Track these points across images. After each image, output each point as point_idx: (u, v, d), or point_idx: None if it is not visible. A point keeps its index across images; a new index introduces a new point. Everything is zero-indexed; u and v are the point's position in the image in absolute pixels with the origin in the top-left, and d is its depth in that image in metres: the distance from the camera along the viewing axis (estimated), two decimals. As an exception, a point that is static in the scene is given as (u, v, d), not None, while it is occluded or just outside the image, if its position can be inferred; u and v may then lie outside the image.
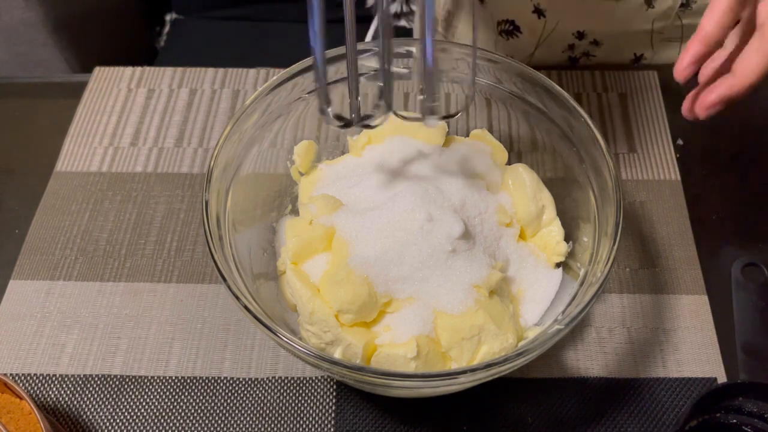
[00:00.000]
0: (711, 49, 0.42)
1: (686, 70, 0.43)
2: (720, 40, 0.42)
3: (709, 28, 0.42)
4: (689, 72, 0.43)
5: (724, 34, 0.42)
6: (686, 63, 0.43)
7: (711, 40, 0.42)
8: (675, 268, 0.63)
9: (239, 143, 0.55)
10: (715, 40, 0.42)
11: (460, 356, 0.49)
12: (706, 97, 0.44)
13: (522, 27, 0.79)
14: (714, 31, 0.42)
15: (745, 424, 0.52)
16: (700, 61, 0.43)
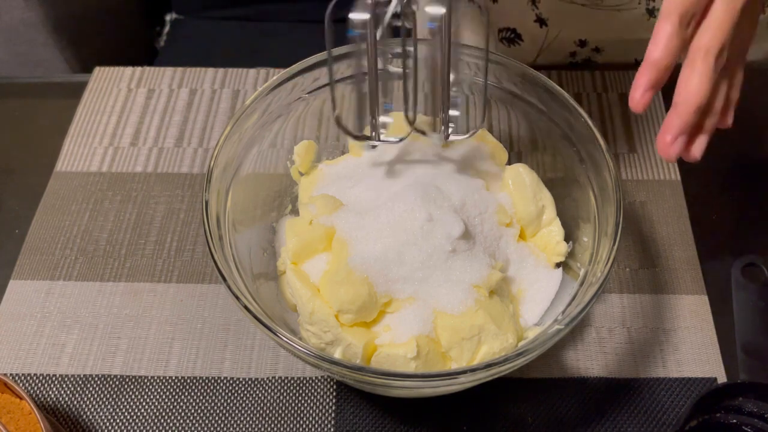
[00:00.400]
0: (663, 74, 0.41)
1: (642, 100, 0.41)
2: (670, 65, 0.41)
3: (656, 55, 0.40)
4: (645, 101, 0.41)
5: (673, 58, 0.41)
6: (639, 94, 0.41)
7: (661, 66, 0.41)
8: (675, 268, 0.63)
9: (239, 143, 0.55)
10: (665, 65, 0.41)
11: (460, 356, 0.49)
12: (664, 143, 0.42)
13: (523, 35, 0.79)
14: (661, 56, 0.40)
15: (745, 424, 0.52)
16: (655, 87, 0.41)
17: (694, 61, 0.41)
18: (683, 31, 0.40)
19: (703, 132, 0.43)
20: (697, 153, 0.43)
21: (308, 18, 1.14)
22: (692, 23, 0.41)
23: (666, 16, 0.40)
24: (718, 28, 0.41)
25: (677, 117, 0.41)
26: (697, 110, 0.41)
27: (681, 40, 0.40)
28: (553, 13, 0.75)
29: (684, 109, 0.41)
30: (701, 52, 0.41)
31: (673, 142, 0.41)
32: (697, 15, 0.41)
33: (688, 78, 0.41)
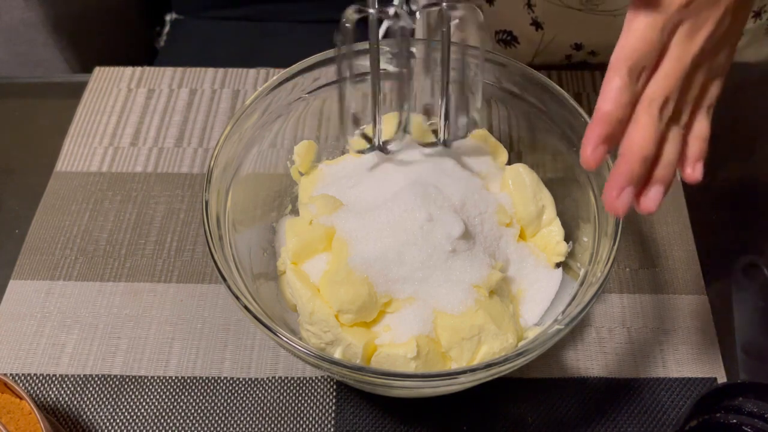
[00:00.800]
0: (615, 128, 0.39)
1: (594, 155, 0.39)
2: (622, 118, 0.39)
3: (606, 108, 0.39)
4: (598, 156, 0.39)
5: (624, 111, 0.39)
6: (591, 149, 0.39)
7: (611, 119, 0.39)
8: (675, 268, 0.63)
9: (239, 143, 0.55)
10: (616, 118, 0.39)
11: (460, 356, 0.49)
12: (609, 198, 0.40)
13: (520, 38, 0.80)
14: (611, 109, 0.39)
15: (745, 424, 0.52)
16: (608, 140, 0.39)
17: (638, 113, 0.40)
18: (633, 84, 0.39)
19: (655, 182, 0.41)
20: (651, 205, 0.40)
21: (308, 18, 1.14)
22: (643, 75, 0.39)
23: (615, 68, 0.39)
24: (663, 78, 0.40)
25: (621, 169, 0.39)
26: (642, 161, 0.39)
27: (631, 92, 0.39)
28: (549, 17, 0.75)
29: (628, 160, 0.39)
30: (645, 102, 0.40)
31: (618, 195, 0.39)
32: (648, 68, 0.40)
33: (632, 129, 0.40)
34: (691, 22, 0.40)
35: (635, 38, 0.39)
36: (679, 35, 0.40)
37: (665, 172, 0.41)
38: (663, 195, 0.41)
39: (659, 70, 0.40)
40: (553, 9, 0.72)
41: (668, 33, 0.39)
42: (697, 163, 0.42)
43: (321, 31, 1.12)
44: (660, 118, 0.40)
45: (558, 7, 0.72)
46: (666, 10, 0.39)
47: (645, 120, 0.39)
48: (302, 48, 0.60)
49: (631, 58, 0.39)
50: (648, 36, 0.39)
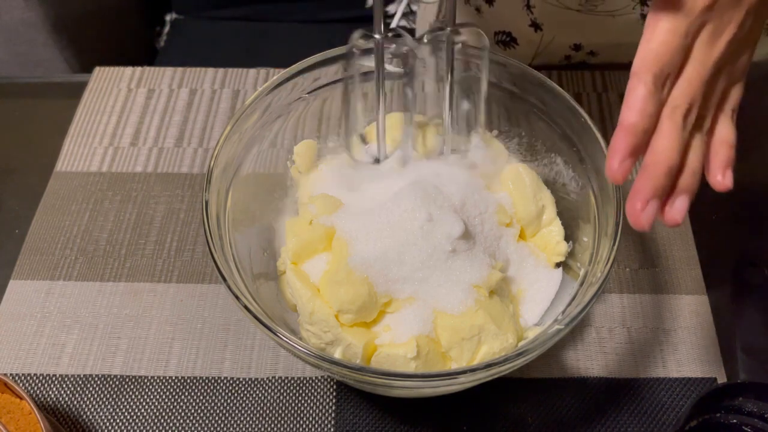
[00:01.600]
0: (641, 139, 0.37)
1: (621, 168, 0.37)
2: (647, 128, 0.37)
3: (631, 119, 0.37)
4: (626, 169, 0.37)
5: (650, 120, 0.37)
6: (618, 162, 0.37)
7: (637, 130, 0.37)
8: (675, 268, 0.63)
9: (239, 143, 0.55)
10: (642, 129, 0.37)
11: (460, 356, 0.49)
12: (634, 210, 0.38)
13: (519, 39, 0.80)
14: (637, 120, 0.37)
15: (745, 424, 0.52)
16: (635, 152, 0.37)
17: (661, 122, 0.38)
18: (658, 91, 0.37)
19: (680, 192, 0.39)
20: (677, 216, 0.39)
21: (308, 18, 1.14)
22: (668, 83, 0.38)
23: (639, 76, 0.37)
24: (687, 84, 0.38)
25: (646, 181, 0.38)
26: (668, 172, 0.38)
27: (657, 101, 0.37)
28: (548, 18, 0.75)
29: (653, 171, 0.38)
30: (668, 109, 0.38)
31: (644, 208, 0.37)
32: (673, 74, 0.38)
33: (655, 139, 0.38)
34: (714, 25, 0.38)
35: (659, 44, 0.37)
36: (702, 38, 0.38)
37: (690, 181, 0.39)
38: (688, 204, 0.39)
39: (682, 75, 0.38)
40: (552, 10, 0.72)
41: (692, 36, 0.38)
42: (727, 170, 0.40)
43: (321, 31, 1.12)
44: (684, 126, 0.38)
45: (557, 9, 0.72)
46: (689, 13, 0.37)
47: (669, 128, 0.38)
48: (302, 48, 0.60)
49: (656, 65, 0.37)
50: (672, 41, 0.37)
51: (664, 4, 0.37)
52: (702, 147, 0.40)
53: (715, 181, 0.41)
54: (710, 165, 0.41)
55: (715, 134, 0.41)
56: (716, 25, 0.38)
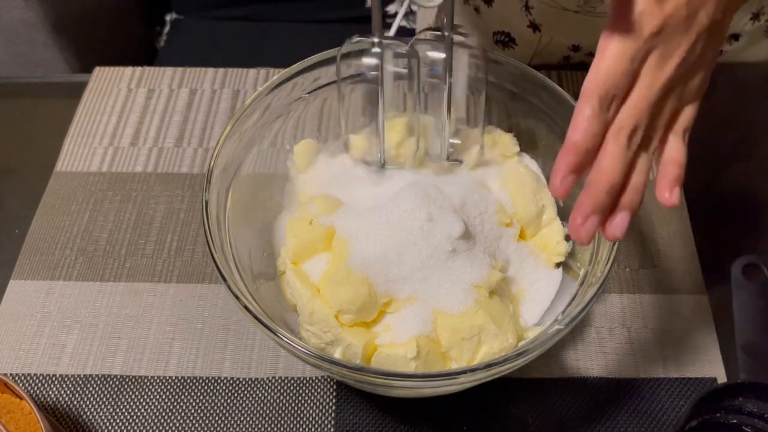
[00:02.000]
0: (584, 158, 0.39)
1: (563, 186, 0.39)
2: (591, 148, 0.39)
3: (575, 138, 0.39)
4: (567, 186, 0.39)
5: (593, 141, 0.39)
6: (560, 179, 0.39)
7: (580, 149, 0.39)
8: (675, 268, 0.63)
9: (239, 143, 0.55)
10: (585, 148, 0.39)
11: (460, 356, 0.49)
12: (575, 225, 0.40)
13: (517, 39, 0.80)
14: (580, 139, 0.38)
15: (745, 424, 0.52)
16: (577, 170, 0.39)
17: (606, 141, 0.39)
18: (603, 113, 0.39)
19: (622, 209, 0.40)
20: (617, 231, 0.40)
21: (308, 18, 1.14)
22: (614, 104, 0.39)
23: (586, 98, 0.39)
24: (633, 106, 0.40)
25: (588, 197, 0.39)
26: (609, 190, 0.39)
27: (601, 122, 0.39)
28: (546, 19, 0.75)
29: (594, 189, 0.39)
30: (613, 130, 0.39)
31: (583, 223, 0.39)
32: (619, 97, 0.39)
33: (599, 158, 0.39)
34: (662, 50, 0.40)
35: (606, 67, 0.39)
36: (650, 63, 0.40)
37: (632, 198, 0.41)
38: (629, 221, 0.41)
39: (629, 98, 0.40)
40: (551, 11, 0.72)
41: (639, 61, 0.39)
42: (674, 188, 0.42)
43: (321, 31, 1.12)
44: (628, 147, 0.40)
45: (555, 10, 0.72)
46: (637, 38, 0.39)
47: (612, 149, 0.39)
48: (302, 48, 0.60)
49: (602, 87, 0.39)
50: (619, 65, 0.39)
51: (613, 29, 0.39)
52: (647, 166, 0.41)
53: (663, 198, 0.42)
54: (659, 183, 0.42)
55: (665, 153, 0.42)
56: (665, 49, 0.40)
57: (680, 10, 0.39)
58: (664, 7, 0.39)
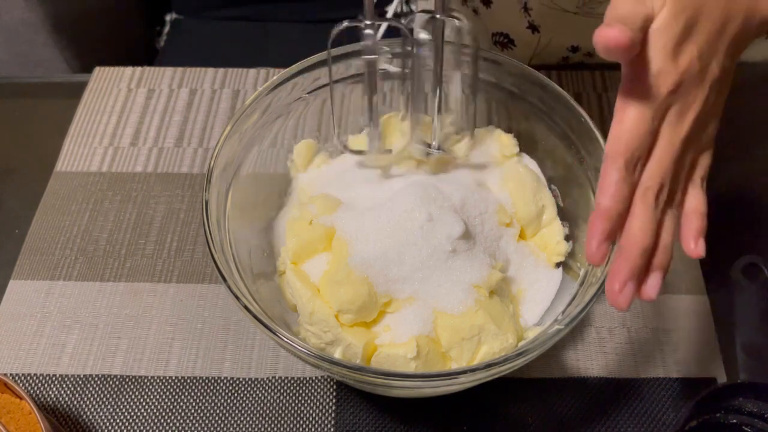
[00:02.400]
0: (616, 223, 0.39)
1: (599, 252, 0.39)
2: (622, 211, 0.39)
3: (606, 204, 0.39)
4: (603, 252, 0.39)
5: (623, 204, 0.39)
6: (596, 246, 0.39)
7: (612, 214, 0.39)
8: (675, 268, 0.62)
9: (239, 143, 0.55)
10: (617, 213, 0.39)
11: (460, 356, 0.49)
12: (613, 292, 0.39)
13: (516, 40, 0.80)
14: (611, 204, 0.39)
15: (745, 425, 0.52)
16: (612, 235, 0.39)
17: (635, 204, 0.40)
18: (630, 175, 0.39)
19: (655, 269, 0.40)
20: (651, 293, 0.40)
21: (308, 18, 1.14)
22: (639, 165, 0.39)
23: (611, 161, 0.39)
24: (657, 164, 0.40)
25: (623, 263, 0.39)
26: (642, 253, 0.39)
27: (629, 184, 0.39)
28: (545, 20, 0.75)
29: (628, 254, 0.39)
30: (640, 191, 0.40)
31: (621, 289, 0.39)
32: (643, 156, 0.40)
33: (630, 221, 0.40)
34: (679, 106, 0.40)
35: (629, 130, 0.39)
36: (669, 119, 0.40)
37: (663, 257, 0.41)
38: (662, 280, 0.41)
39: (652, 156, 0.40)
40: (550, 12, 0.72)
41: (659, 120, 0.39)
42: (699, 239, 0.42)
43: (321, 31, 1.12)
44: (656, 206, 0.40)
45: (554, 11, 0.72)
46: (655, 98, 0.39)
47: (642, 211, 0.39)
48: (302, 48, 0.60)
49: (627, 150, 0.39)
50: (640, 126, 0.39)
51: (630, 90, 0.39)
52: (674, 223, 0.42)
53: (690, 250, 0.42)
54: (683, 234, 0.42)
55: (687, 205, 0.43)
56: (681, 105, 0.40)
57: (694, 64, 0.39)
58: (678, 64, 0.39)
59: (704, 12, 0.40)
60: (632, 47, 0.37)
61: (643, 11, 0.38)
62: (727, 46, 0.41)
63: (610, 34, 0.37)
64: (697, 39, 0.39)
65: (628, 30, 0.37)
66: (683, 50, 0.39)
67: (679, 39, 0.39)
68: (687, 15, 0.39)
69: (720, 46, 0.41)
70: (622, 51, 0.37)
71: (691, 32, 0.39)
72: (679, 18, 0.39)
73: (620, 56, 0.37)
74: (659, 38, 0.38)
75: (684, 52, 0.39)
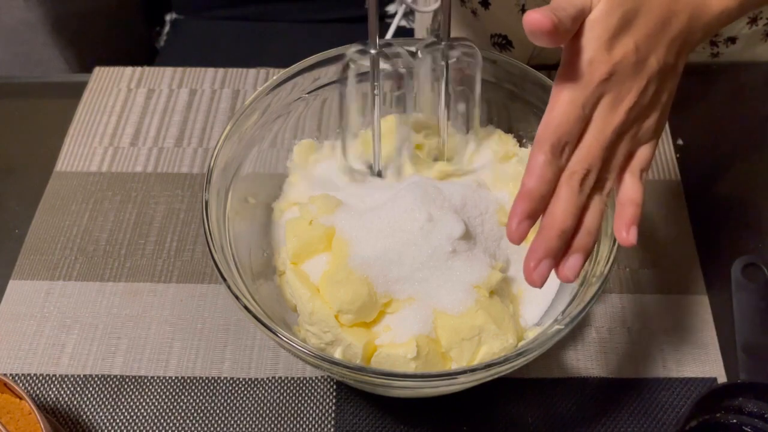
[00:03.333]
0: (538, 204, 0.40)
1: (518, 230, 0.39)
2: (545, 194, 0.40)
3: (530, 184, 0.39)
4: (522, 230, 0.39)
5: (547, 187, 0.40)
6: (515, 224, 0.39)
7: (535, 195, 0.39)
8: (675, 268, 0.63)
9: (239, 143, 0.55)
10: (539, 195, 0.40)
11: (460, 356, 0.49)
12: (528, 269, 0.40)
13: (514, 42, 0.80)
14: (534, 185, 0.39)
15: (745, 424, 0.52)
16: (532, 215, 0.40)
17: (559, 187, 0.40)
18: (556, 160, 0.40)
19: (574, 251, 0.41)
20: (569, 273, 0.41)
21: (308, 18, 1.14)
22: (566, 150, 0.40)
23: (539, 145, 0.40)
24: (585, 151, 0.41)
25: (540, 242, 0.40)
26: (561, 234, 0.40)
27: (555, 168, 0.40)
28: None
29: (546, 234, 0.40)
30: (566, 175, 0.40)
31: (536, 266, 0.40)
32: (572, 143, 0.40)
33: (552, 203, 0.40)
34: (613, 94, 0.41)
35: (558, 114, 0.40)
36: (602, 107, 0.41)
37: (584, 240, 0.41)
38: (582, 263, 0.41)
39: (581, 143, 0.41)
40: None
41: (591, 107, 0.40)
42: (631, 227, 0.43)
43: (321, 31, 1.12)
44: (580, 191, 0.41)
45: None
46: (587, 85, 0.40)
47: (564, 194, 0.40)
48: (302, 48, 0.60)
49: (554, 134, 0.40)
50: (570, 112, 0.40)
51: (564, 77, 0.40)
52: (600, 208, 0.42)
53: (621, 237, 0.43)
54: (616, 222, 0.43)
55: (621, 194, 0.43)
56: (615, 95, 0.41)
57: (629, 56, 0.40)
58: (612, 54, 0.40)
59: (644, 7, 0.41)
60: (556, 32, 0.38)
61: (579, 2, 0.39)
62: (669, 41, 0.42)
63: (535, 17, 0.38)
64: (634, 32, 0.40)
65: (553, 16, 0.38)
66: (618, 42, 0.40)
67: (614, 31, 0.40)
68: (624, 8, 0.40)
69: (661, 41, 0.41)
70: (545, 35, 0.38)
71: (629, 25, 0.40)
72: (615, 11, 0.40)
73: (544, 40, 0.38)
74: (594, 28, 0.40)
75: (619, 44, 0.40)
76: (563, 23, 0.38)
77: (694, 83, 0.47)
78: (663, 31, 0.41)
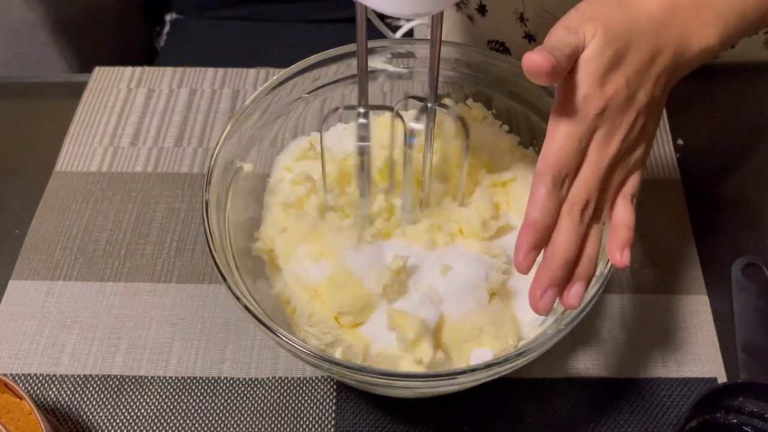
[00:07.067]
0: (543, 234, 0.42)
1: (525, 261, 0.41)
2: (549, 225, 0.42)
3: (534, 215, 0.41)
4: (530, 261, 0.41)
5: (551, 217, 0.42)
6: (522, 255, 0.41)
7: (539, 226, 0.41)
8: (675, 268, 0.63)
9: (239, 143, 0.55)
10: (544, 226, 0.41)
11: (460, 356, 0.49)
12: (534, 298, 0.42)
13: (512, 49, 0.80)
14: (538, 217, 0.41)
15: (746, 424, 0.52)
16: (538, 246, 0.42)
17: (561, 218, 0.42)
18: (558, 191, 0.42)
19: (577, 279, 0.43)
20: (573, 301, 0.43)
21: (308, 18, 1.14)
22: (567, 182, 0.42)
23: (540, 178, 0.41)
24: (584, 182, 0.42)
25: (545, 272, 0.42)
26: (564, 264, 0.42)
27: (556, 199, 0.42)
28: (543, 30, 0.74)
29: (551, 264, 0.42)
30: (567, 206, 0.42)
31: (542, 296, 0.42)
32: (571, 174, 0.42)
33: (555, 234, 0.42)
34: (606, 128, 0.42)
35: (557, 148, 0.42)
36: (596, 140, 0.42)
37: (586, 268, 0.43)
38: (585, 289, 0.43)
39: (579, 174, 0.43)
40: (547, 22, 0.73)
41: (587, 141, 0.42)
42: (624, 250, 0.44)
43: (321, 31, 1.12)
44: (581, 221, 0.42)
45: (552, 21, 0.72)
46: (583, 120, 0.42)
47: (566, 224, 0.42)
48: (302, 48, 0.60)
49: (554, 167, 0.41)
50: (569, 146, 0.42)
51: (560, 112, 0.42)
52: (599, 236, 0.44)
53: (615, 260, 0.44)
54: (609, 245, 0.45)
55: (614, 217, 0.45)
56: (608, 128, 0.43)
57: (620, 91, 0.42)
58: (605, 90, 0.42)
59: (633, 45, 0.43)
60: (554, 73, 0.40)
61: (573, 41, 0.41)
62: (656, 76, 0.44)
63: (535, 59, 0.39)
64: (624, 69, 0.42)
65: (551, 57, 0.39)
66: (610, 78, 0.42)
67: (606, 68, 0.42)
68: (616, 47, 0.42)
69: (648, 77, 0.44)
70: (544, 75, 0.40)
71: (620, 62, 0.42)
72: (607, 49, 0.42)
73: (543, 80, 0.40)
74: (588, 66, 0.42)
75: (611, 80, 0.42)
76: (560, 63, 0.40)
77: (694, 83, 0.47)
78: (650, 67, 0.44)
